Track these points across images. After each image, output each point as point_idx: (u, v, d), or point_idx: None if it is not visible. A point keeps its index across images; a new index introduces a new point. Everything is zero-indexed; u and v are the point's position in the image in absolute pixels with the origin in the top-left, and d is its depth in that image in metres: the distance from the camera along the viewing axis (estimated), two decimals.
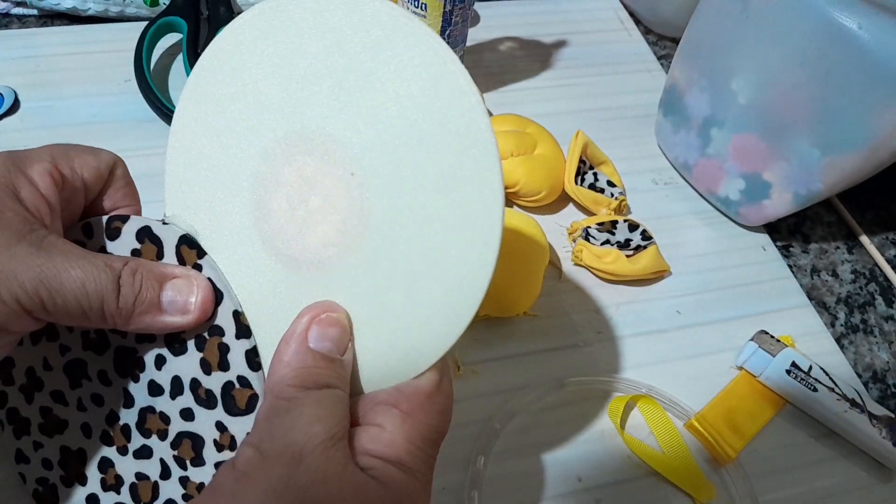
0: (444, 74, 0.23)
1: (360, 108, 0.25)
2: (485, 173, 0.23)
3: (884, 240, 0.53)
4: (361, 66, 0.25)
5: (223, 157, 0.28)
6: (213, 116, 0.28)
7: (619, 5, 0.67)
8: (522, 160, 0.47)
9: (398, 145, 0.24)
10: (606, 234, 0.46)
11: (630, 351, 0.43)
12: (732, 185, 0.48)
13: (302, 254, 0.26)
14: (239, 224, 0.27)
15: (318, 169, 0.26)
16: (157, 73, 0.54)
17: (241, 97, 0.27)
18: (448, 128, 0.24)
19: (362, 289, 0.26)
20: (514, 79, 0.58)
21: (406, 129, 0.24)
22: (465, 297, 0.24)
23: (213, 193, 0.28)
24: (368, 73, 0.24)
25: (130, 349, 0.29)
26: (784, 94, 0.42)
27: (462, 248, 0.24)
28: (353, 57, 0.25)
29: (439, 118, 0.24)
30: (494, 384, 0.40)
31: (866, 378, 0.44)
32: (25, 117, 0.50)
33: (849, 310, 0.48)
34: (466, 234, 0.24)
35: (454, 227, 0.24)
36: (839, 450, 0.40)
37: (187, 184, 0.29)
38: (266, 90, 0.26)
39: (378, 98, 0.24)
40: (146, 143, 0.49)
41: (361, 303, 0.26)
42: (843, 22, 0.37)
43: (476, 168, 0.23)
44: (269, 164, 0.27)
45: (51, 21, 0.57)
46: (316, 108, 0.25)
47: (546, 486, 0.37)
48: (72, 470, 0.31)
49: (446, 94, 0.23)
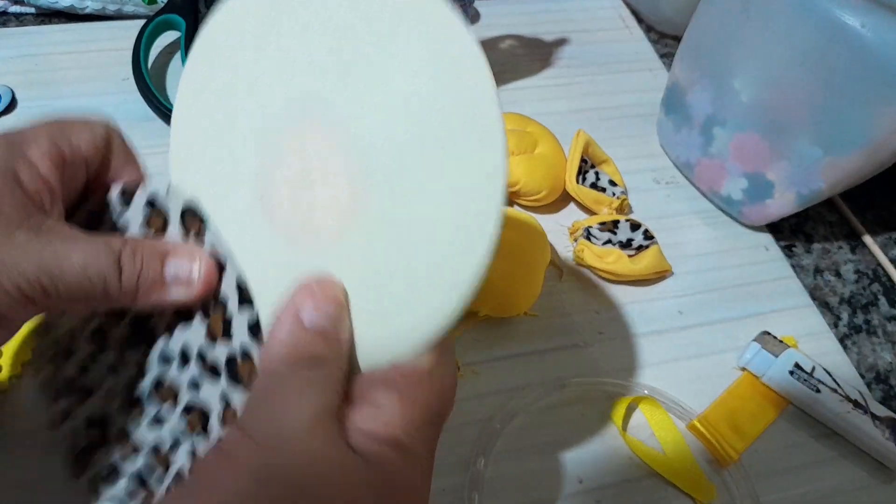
0: (457, 56, 0.23)
1: (365, 81, 0.24)
2: (488, 148, 0.23)
3: (887, 239, 0.52)
4: (369, 34, 0.24)
5: (225, 127, 0.28)
6: (216, 87, 0.28)
7: (621, 3, 0.67)
8: (523, 159, 0.46)
9: (402, 119, 0.24)
10: (608, 234, 0.46)
11: (631, 351, 0.43)
12: (735, 184, 0.48)
13: (301, 225, 0.26)
14: (241, 193, 0.27)
15: (320, 141, 0.25)
16: (155, 72, 0.53)
17: (245, 66, 0.27)
18: (457, 105, 0.23)
19: (362, 262, 0.25)
20: (514, 77, 0.58)
21: (411, 103, 0.24)
22: (465, 271, 0.23)
23: (216, 161, 0.28)
24: (376, 44, 0.24)
25: (144, 317, 0.29)
26: (786, 93, 0.41)
27: (462, 220, 0.23)
28: (361, 24, 0.24)
29: (449, 97, 0.23)
30: (494, 384, 0.40)
31: (869, 379, 0.44)
32: (23, 116, 0.49)
33: (852, 310, 0.48)
34: (467, 204, 0.23)
35: (454, 198, 0.23)
36: (841, 451, 0.40)
37: (191, 152, 0.29)
38: (268, 61, 0.26)
39: (384, 71, 0.24)
40: (144, 141, 0.49)
41: (361, 278, 0.25)
42: (845, 21, 0.37)
43: (480, 142, 0.23)
44: (271, 135, 0.26)
45: (48, 19, 0.57)
46: (318, 79, 0.25)
47: (547, 487, 0.37)
48: (96, 436, 0.31)
49: (458, 73, 0.23)
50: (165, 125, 0.50)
